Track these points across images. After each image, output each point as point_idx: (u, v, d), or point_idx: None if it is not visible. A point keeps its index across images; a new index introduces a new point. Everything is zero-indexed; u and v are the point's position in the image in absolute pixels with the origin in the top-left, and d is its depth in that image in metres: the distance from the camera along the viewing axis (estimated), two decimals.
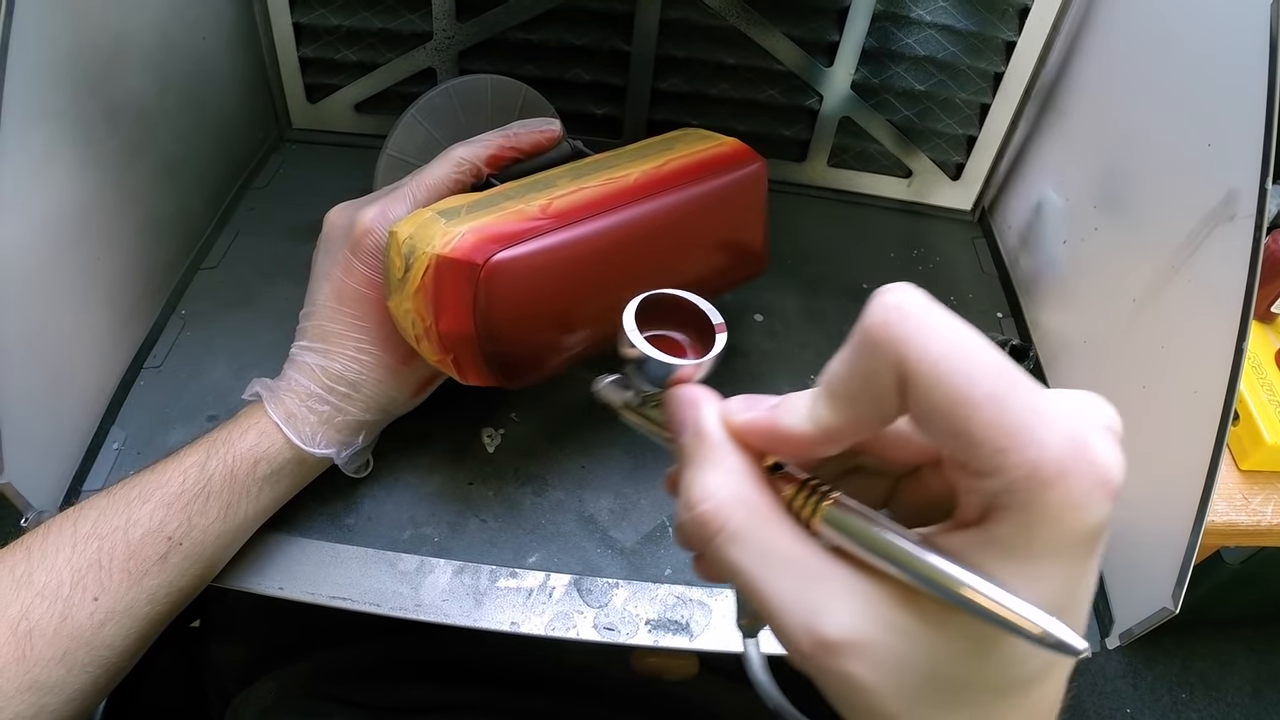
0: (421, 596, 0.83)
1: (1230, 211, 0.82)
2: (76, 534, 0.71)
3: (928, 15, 1.18)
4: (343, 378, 0.80)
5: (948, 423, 0.36)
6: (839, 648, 0.38)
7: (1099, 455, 0.35)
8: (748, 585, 0.41)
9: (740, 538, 0.41)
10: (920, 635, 0.38)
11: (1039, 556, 0.36)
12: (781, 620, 0.40)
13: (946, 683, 0.38)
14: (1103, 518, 0.35)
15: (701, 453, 0.44)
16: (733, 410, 0.45)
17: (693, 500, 0.43)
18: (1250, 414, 1.28)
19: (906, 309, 0.37)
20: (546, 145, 0.89)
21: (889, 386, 0.37)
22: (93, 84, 0.88)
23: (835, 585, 0.39)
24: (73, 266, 0.88)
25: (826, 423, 0.41)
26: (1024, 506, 0.35)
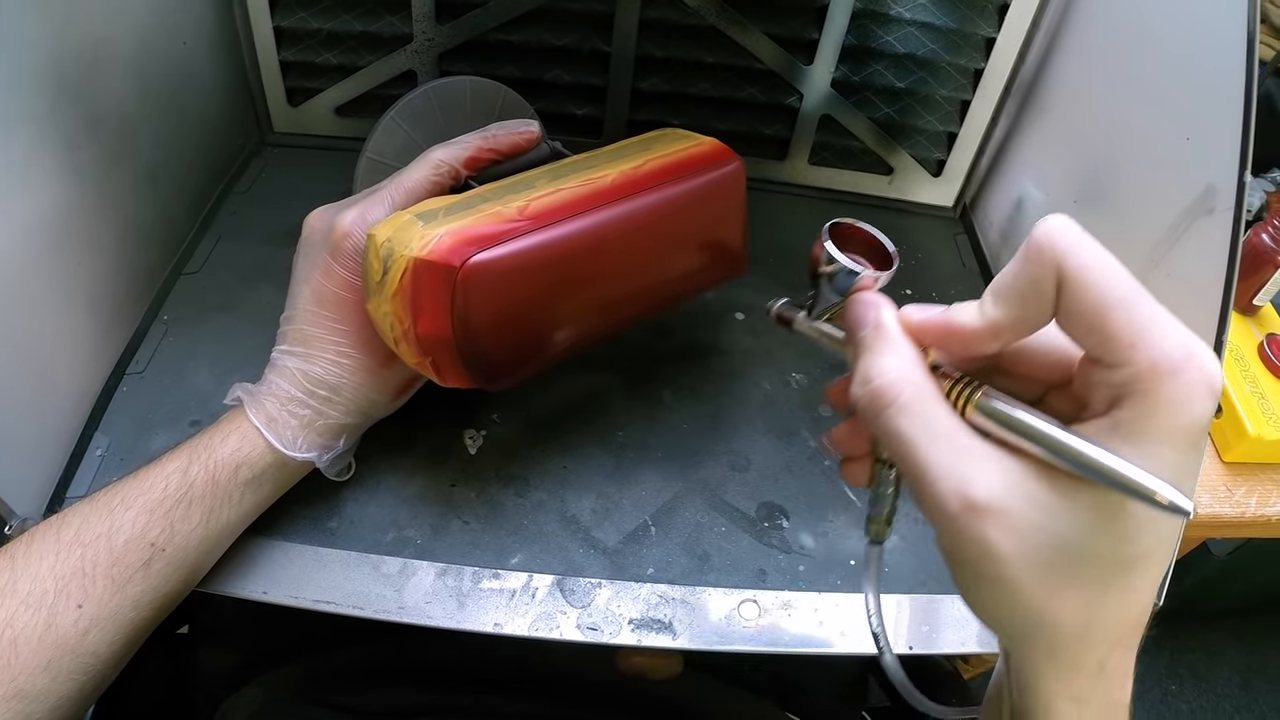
0: (405, 599, 0.83)
1: (1209, 205, 0.82)
2: (60, 541, 0.71)
3: (907, 12, 1.18)
4: (323, 381, 0.80)
5: (1092, 320, 0.45)
6: (984, 511, 0.46)
7: (1205, 362, 0.43)
8: (910, 452, 0.49)
9: (908, 410, 0.49)
10: (1053, 505, 0.45)
11: (1154, 440, 0.43)
12: (935, 484, 0.47)
13: (1070, 553, 0.46)
14: (1206, 414, 0.43)
15: (880, 342, 0.53)
16: (909, 312, 0.54)
17: (871, 375, 0.51)
18: (1233, 406, 1.28)
19: (1066, 229, 0.46)
20: (525, 146, 0.89)
21: (1048, 289, 0.46)
22: (73, 90, 0.88)
23: (984, 458, 0.47)
24: (54, 272, 0.88)
25: (994, 318, 0.49)
26: (1144, 394, 0.43)
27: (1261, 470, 1.30)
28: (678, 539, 0.90)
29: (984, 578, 0.48)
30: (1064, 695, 0.51)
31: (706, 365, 1.07)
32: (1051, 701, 0.52)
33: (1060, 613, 0.47)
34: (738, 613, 0.85)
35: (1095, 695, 0.52)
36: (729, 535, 0.91)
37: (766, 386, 1.06)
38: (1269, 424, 1.26)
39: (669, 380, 1.04)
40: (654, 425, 1.00)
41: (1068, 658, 0.50)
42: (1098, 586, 0.47)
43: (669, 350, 1.07)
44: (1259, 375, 1.34)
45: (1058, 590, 0.46)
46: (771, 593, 0.87)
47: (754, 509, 0.94)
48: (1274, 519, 1.26)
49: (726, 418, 1.02)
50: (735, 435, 1.00)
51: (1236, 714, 2.56)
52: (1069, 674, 0.50)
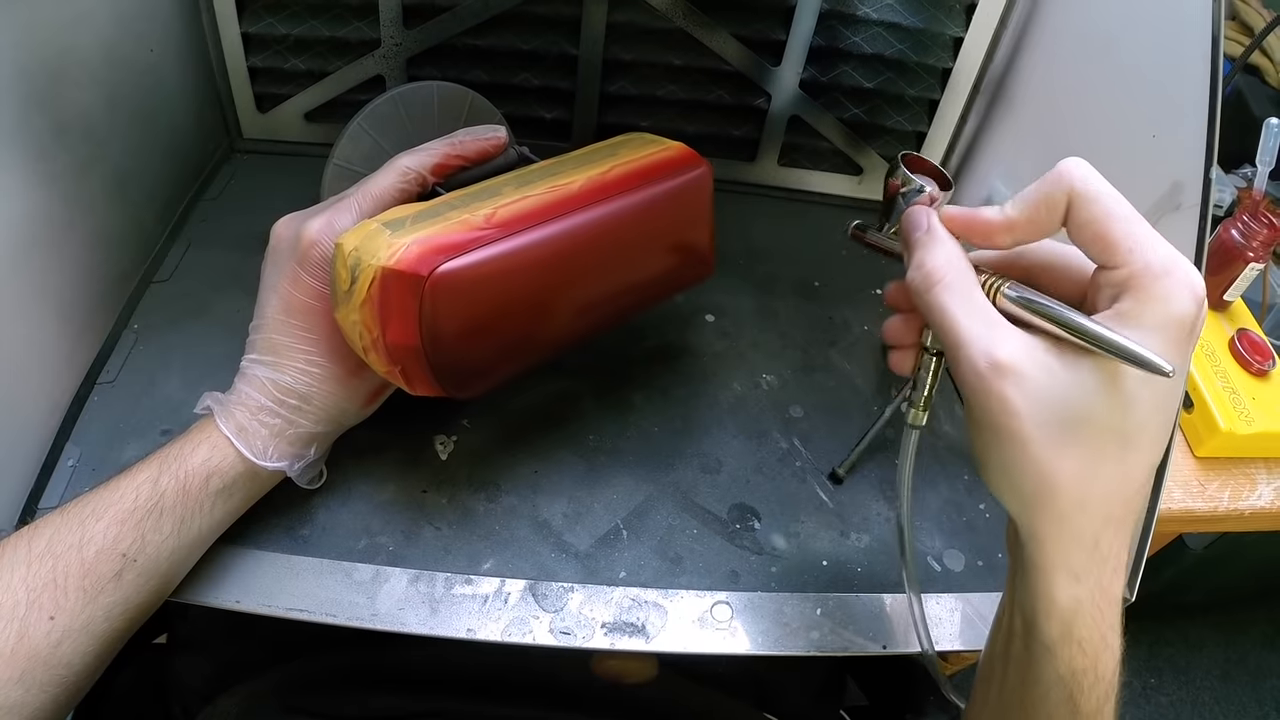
0: (378, 606, 0.83)
1: (1176, 201, 0.84)
2: (31, 552, 0.70)
3: (874, 13, 1.18)
4: (293, 390, 0.80)
5: (1098, 228, 0.57)
6: (1006, 369, 0.56)
7: (1188, 270, 0.55)
8: (950, 321, 0.59)
9: (951, 287, 0.61)
10: (1063, 372, 0.56)
11: (1148, 326, 0.55)
12: (969, 346, 0.58)
13: (1071, 413, 0.56)
14: (1192, 313, 0.55)
15: (932, 239, 0.64)
16: (949, 212, 0.66)
17: (924, 261, 0.63)
18: (1204, 401, 1.29)
19: (1082, 164, 0.58)
20: (493, 152, 0.89)
21: (1060, 203, 0.58)
22: (40, 99, 0.88)
23: (1009, 331, 0.58)
24: (23, 282, 0.88)
25: (1012, 217, 0.61)
26: (1141, 288, 0.55)
27: (1234, 465, 1.30)
28: (649, 542, 0.90)
29: (1001, 433, 0.57)
30: (1064, 567, 0.60)
31: (677, 368, 1.07)
32: (1053, 574, 0.60)
33: (1061, 474, 0.57)
34: (710, 615, 0.86)
35: (1091, 573, 0.60)
36: (701, 537, 0.92)
37: (737, 388, 1.06)
38: (1240, 419, 1.27)
39: (639, 383, 1.04)
40: (625, 429, 1.00)
41: (1069, 527, 0.59)
42: (1095, 451, 0.57)
43: (639, 353, 1.07)
44: (1230, 370, 1.34)
45: (1061, 449, 0.57)
46: (744, 594, 0.88)
47: (725, 511, 0.94)
48: (1247, 513, 1.26)
49: (697, 420, 1.02)
50: (706, 437, 1.01)
51: (1216, 705, 2.57)
52: (1069, 545, 0.59)
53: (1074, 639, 0.61)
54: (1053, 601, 0.60)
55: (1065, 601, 0.60)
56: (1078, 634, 0.61)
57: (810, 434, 1.04)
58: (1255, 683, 2.62)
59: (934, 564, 0.93)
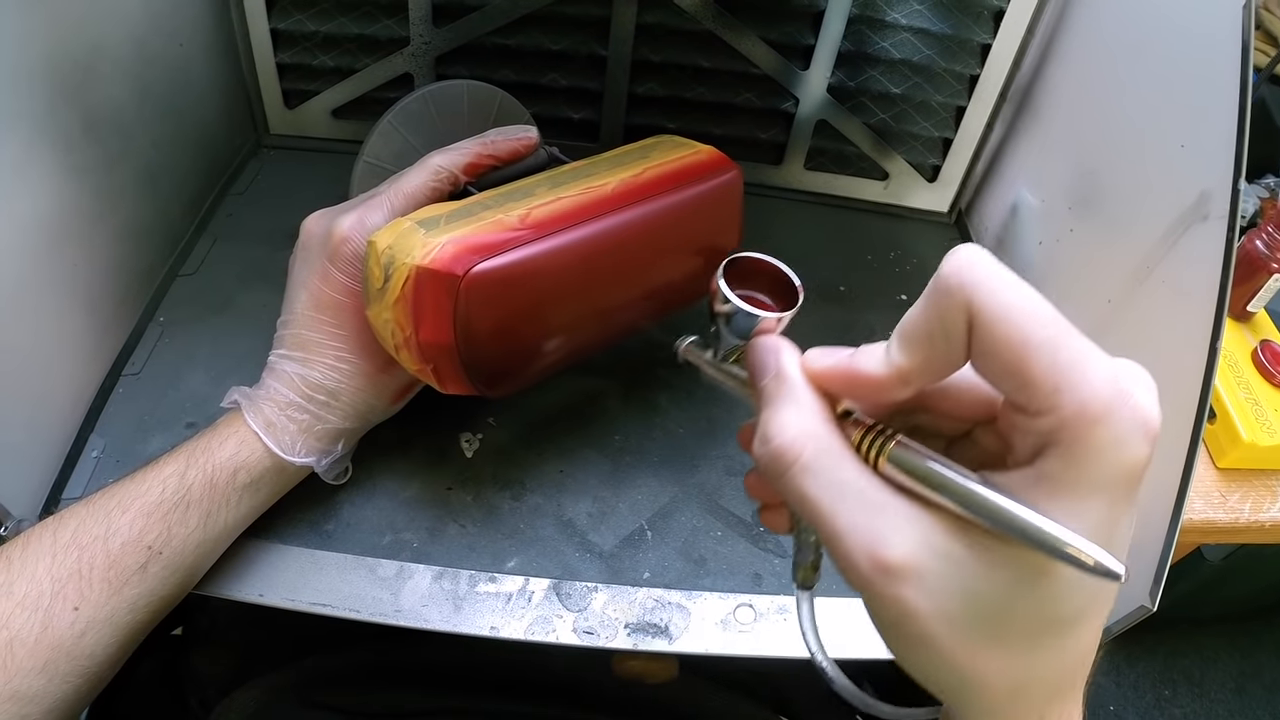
0: (401, 602, 0.83)
1: (1204, 211, 0.82)
2: (56, 543, 0.71)
3: (903, 19, 1.18)
4: (322, 386, 0.80)
5: (1009, 362, 0.41)
6: (897, 572, 0.42)
7: (1139, 400, 0.40)
8: (816, 513, 0.45)
9: (812, 469, 0.46)
10: (972, 564, 0.42)
11: (1084, 491, 0.40)
12: (846, 546, 0.44)
13: (992, 613, 0.43)
14: (1143, 457, 0.40)
15: (781, 393, 0.49)
16: (813, 358, 0.50)
17: (770, 434, 0.47)
18: (1227, 412, 1.28)
19: (977, 262, 0.42)
20: (524, 152, 0.89)
21: (959, 330, 0.42)
22: (70, 93, 0.88)
23: (896, 516, 0.43)
24: (51, 274, 0.88)
25: (901, 365, 0.45)
26: (1072, 442, 0.40)
27: (1255, 476, 1.30)
28: (674, 543, 0.91)
29: (907, 638, 0.45)
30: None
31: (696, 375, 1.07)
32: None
33: (988, 673, 0.44)
34: (733, 617, 0.86)
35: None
36: (725, 540, 0.92)
37: None
38: (1263, 430, 1.26)
39: (665, 384, 1.04)
40: (650, 430, 1.00)
41: (1003, 715, 0.47)
42: (1026, 646, 0.44)
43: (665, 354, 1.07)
44: (1253, 381, 1.34)
45: (984, 651, 0.44)
46: (767, 597, 0.88)
47: (750, 514, 0.94)
48: (1268, 525, 1.26)
49: (722, 422, 1.02)
50: (731, 440, 1.00)
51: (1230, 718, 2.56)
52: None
53: None
54: None
55: None
56: None
57: None
58: (1270, 696, 2.61)
59: None
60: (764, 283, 0.61)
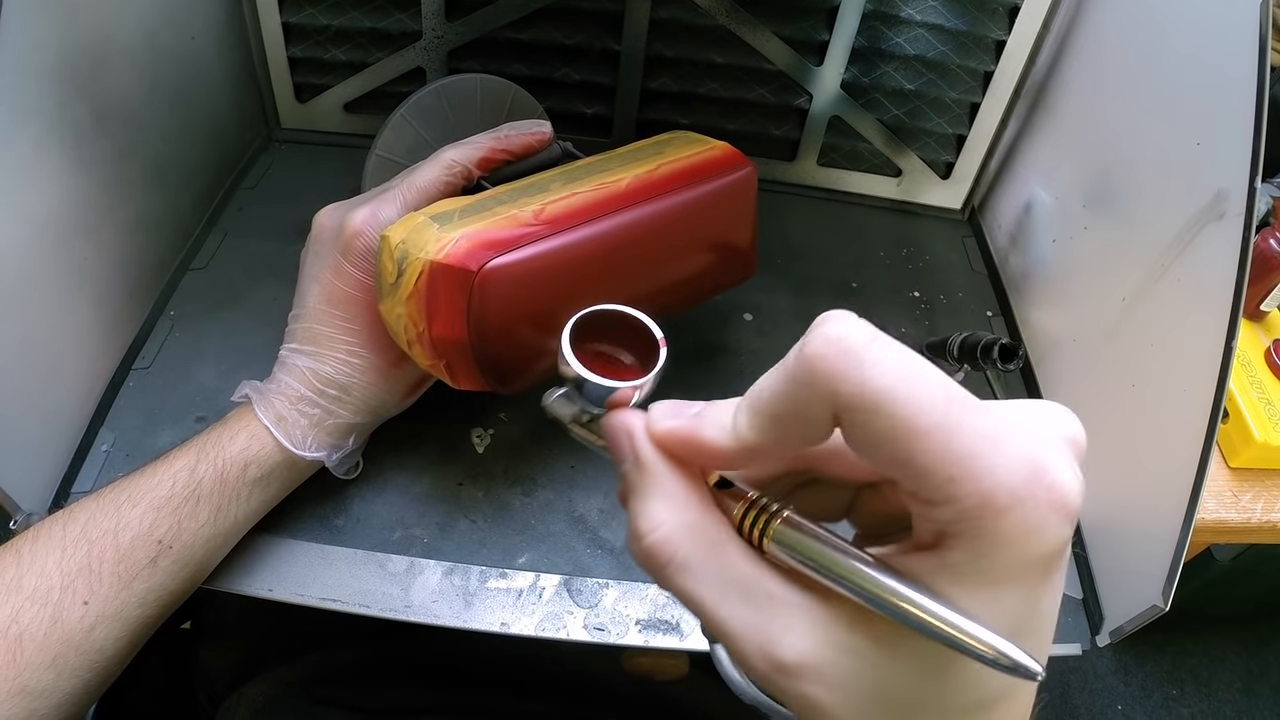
0: (411, 597, 0.83)
1: (1219, 210, 0.82)
2: (66, 537, 0.71)
3: (917, 14, 1.18)
4: (333, 381, 0.80)
5: (892, 453, 0.35)
6: (795, 670, 0.38)
7: (1055, 478, 0.34)
8: (702, 613, 0.41)
9: (690, 567, 0.40)
10: (875, 657, 0.38)
11: (995, 582, 0.36)
12: (738, 645, 0.40)
13: (902, 704, 0.38)
14: (1060, 541, 0.35)
15: (643, 481, 0.43)
16: (654, 419, 0.45)
17: (640, 532, 0.42)
18: (1240, 412, 1.28)
19: (848, 342, 0.35)
20: (537, 147, 0.89)
21: (820, 416, 0.37)
22: (81, 85, 0.88)
23: (788, 609, 0.39)
24: (61, 267, 0.88)
25: (746, 440, 0.40)
26: (977, 534, 0.35)
27: (1267, 476, 1.30)
28: None
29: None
30: None
31: (714, 365, 1.07)
32: None
33: None
34: None
35: None
36: None
37: None
38: (1276, 430, 1.26)
39: (677, 380, 1.02)
40: None
41: None
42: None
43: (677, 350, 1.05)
44: (1266, 381, 1.33)
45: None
46: None
47: None
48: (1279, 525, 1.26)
49: None
50: None
51: (1238, 719, 2.56)
52: None
53: None
54: None
55: None
56: None
57: None
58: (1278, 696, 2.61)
59: None
60: (627, 337, 0.53)
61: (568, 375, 0.49)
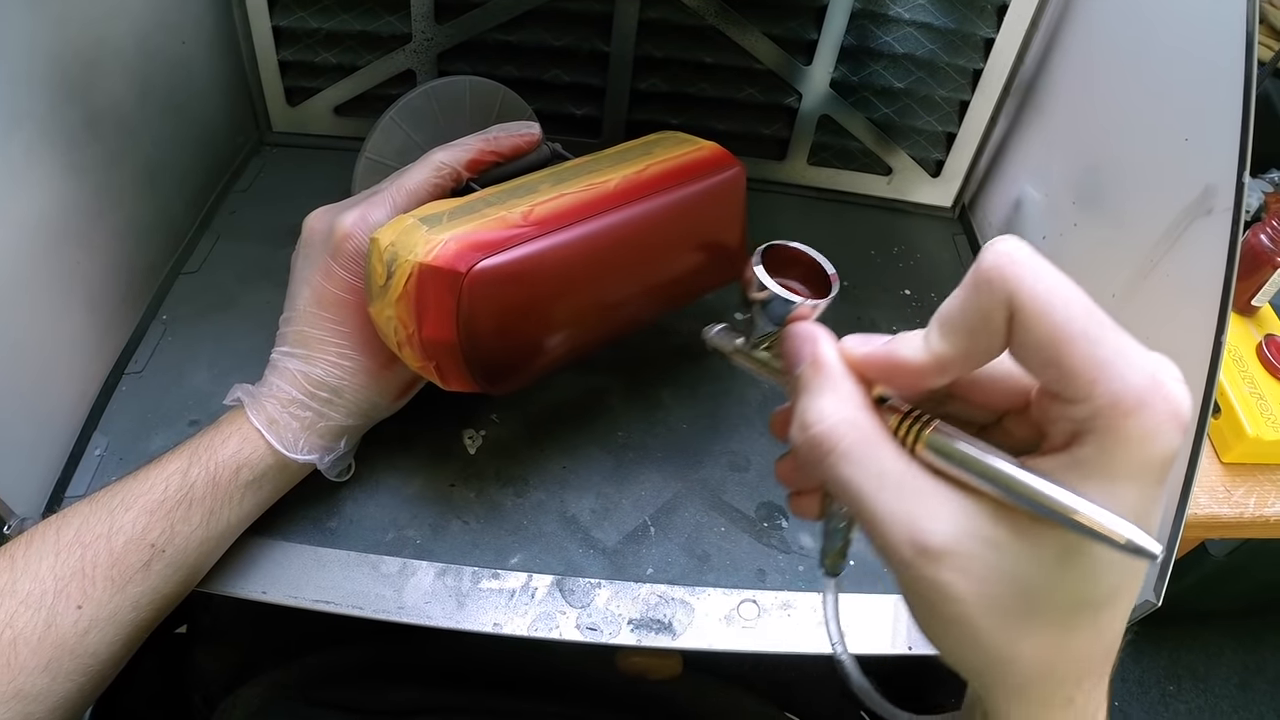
0: (404, 599, 0.83)
1: (1208, 205, 0.82)
2: (59, 541, 0.71)
3: (906, 13, 1.18)
4: (324, 383, 0.80)
5: (1048, 354, 0.41)
6: (938, 555, 0.43)
7: (1171, 391, 0.40)
8: (856, 499, 0.46)
9: (851, 455, 0.46)
10: (1010, 547, 0.43)
11: (1117, 477, 0.41)
12: (886, 531, 0.45)
13: (1029, 594, 0.43)
14: (1172, 448, 0.41)
15: (818, 380, 0.49)
16: (850, 345, 0.50)
17: (809, 422, 0.48)
18: (1231, 407, 1.29)
19: (1017, 255, 0.42)
20: (526, 149, 0.89)
21: (999, 321, 0.43)
22: (72, 90, 0.88)
23: (936, 500, 0.44)
24: (53, 271, 0.88)
25: (940, 353, 0.46)
26: (1107, 431, 0.41)
27: (1260, 471, 1.30)
28: (677, 539, 0.90)
29: (942, 620, 0.46)
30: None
31: (705, 365, 1.07)
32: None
33: (1022, 654, 0.45)
34: (737, 613, 0.86)
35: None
36: (728, 535, 0.91)
37: (765, 386, 1.05)
38: (1267, 425, 1.26)
39: (668, 380, 1.04)
40: (653, 425, 1.00)
41: (1034, 695, 0.48)
42: (1060, 627, 0.45)
43: (668, 350, 1.07)
44: (1257, 376, 1.34)
45: (1019, 632, 0.45)
46: (771, 593, 0.88)
47: (753, 509, 0.94)
48: (1272, 519, 1.26)
49: (725, 417, 1.02)
50: (734, 435, 1.00)
51: (1234, 714, 2.56)
52: (1037, 710, 0.49)
53: None
54: None
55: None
56: None
57: None
58: (1274, 691, 2.61)
59: None
60: (799, 271, 0.61)
61: (758, 298, 0.59)
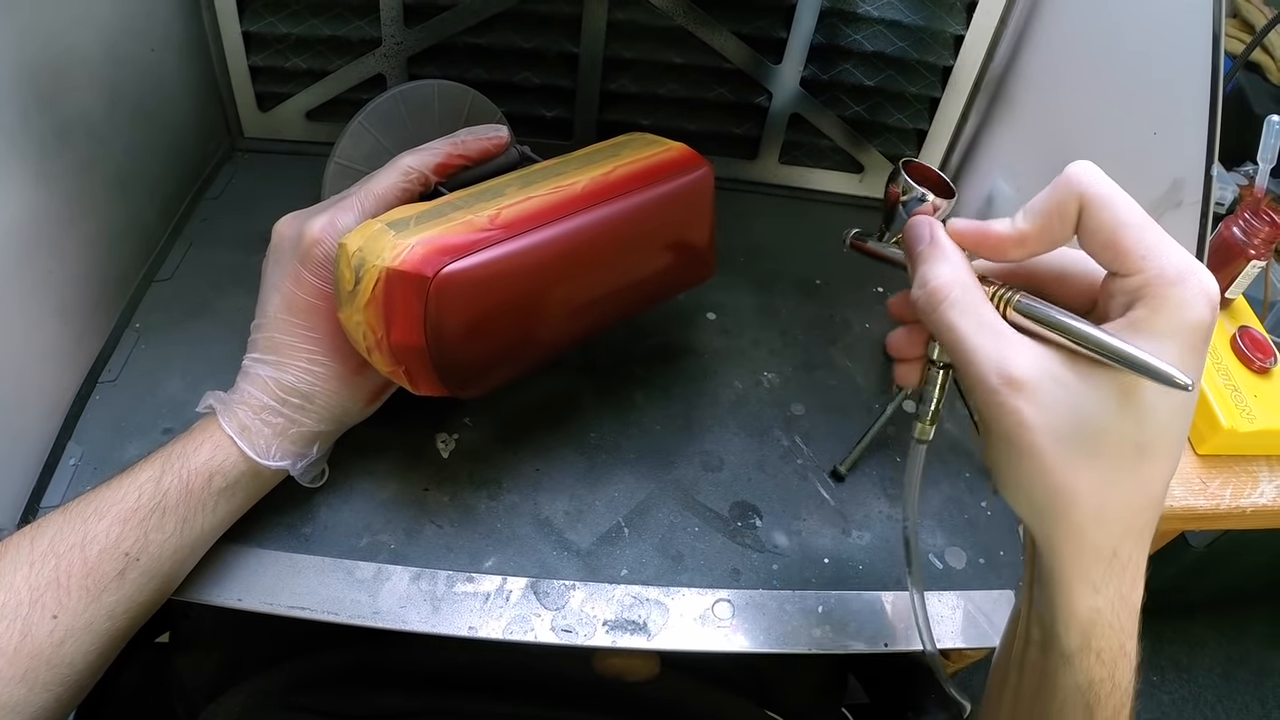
0: (379, 603, 0.83)
1: (1177, 198, 0.83)
2: (33, 551, 0.71)
3: (875, 11, 1.18)
4: (295, 389, 0.80)
5: (1109, 235, 0.55)
6: (1019, 384, 0.55)
7: (1203, 277, 0.53)
8: (959, 339, 0.58)
9: (959, 304, 0.59)
10: (1077, 385, 0.55)
11: (1162, 335, 0.53)
12: (980, 364, 0.57)
13: (1089, 428, 0.55)
14: (1205, 319, 0.53)
15: (935, 252, 0.62)
16: (956, 225, 0.63)
17: (928, 278, 0.61)
18: (1206, 399, 1.29)
19: (1092, 168, 0.56)
20: (495, 152, 0.89)
21: (1071, 210, 0.56)
22: (41, 98, 0.88)
23: (1021, 345, 0.57)
24: (25, 280, 0.88)
25: (1023, 229, 0.59)
26: (1154, 296, 0.53)
27: (1235, 462, 1.30)
28: (651, 540, 0.91)
29: (1015, 447, 0.56)
30: (1082, 579, 0.59)
31: (678, 366, 1.07)
32: (1071, 586, 0.59)
33: (1079, 487, 0.56)
34: (712, 612, 0.86)
35: (1110, 584, 0.59)
36: (702, 535, 0.92)
37: (738, 386, 1.06)
38: (1242, 416, 1.26)
39: (641, 381, 1.05)
40: (626, 426, 1.00)
41: (1086, 539, 0.58)
42: (1112, 463, 0.56)
43: (641, 351, 1.07)
44: (1232, 368, 1.34)
45: (1078, 462, 0.56)
46: (745, 592, 0.88)
47: (727, 508, 0.94)
48: (1249, 510, 1.26)
49: (699, 418, 1.02)
50: (707, 435, 1.01)
51: (1218, 704, 2.57)
52: (1088, 558, 0.58)
53: (1092, 649, 0.61)
54: (1072, 613, 0.60)
55: (1084, 613, 0.60)
56: (1096, 645, 0.61)
57: (811, 432, 1.04)
58: (1257, 681, 2.62)
59: (936, 561, 0.93)
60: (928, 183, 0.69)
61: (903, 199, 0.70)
